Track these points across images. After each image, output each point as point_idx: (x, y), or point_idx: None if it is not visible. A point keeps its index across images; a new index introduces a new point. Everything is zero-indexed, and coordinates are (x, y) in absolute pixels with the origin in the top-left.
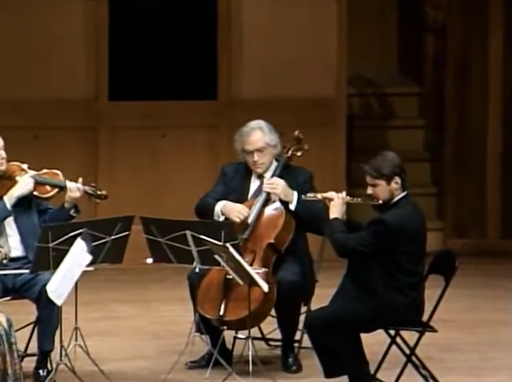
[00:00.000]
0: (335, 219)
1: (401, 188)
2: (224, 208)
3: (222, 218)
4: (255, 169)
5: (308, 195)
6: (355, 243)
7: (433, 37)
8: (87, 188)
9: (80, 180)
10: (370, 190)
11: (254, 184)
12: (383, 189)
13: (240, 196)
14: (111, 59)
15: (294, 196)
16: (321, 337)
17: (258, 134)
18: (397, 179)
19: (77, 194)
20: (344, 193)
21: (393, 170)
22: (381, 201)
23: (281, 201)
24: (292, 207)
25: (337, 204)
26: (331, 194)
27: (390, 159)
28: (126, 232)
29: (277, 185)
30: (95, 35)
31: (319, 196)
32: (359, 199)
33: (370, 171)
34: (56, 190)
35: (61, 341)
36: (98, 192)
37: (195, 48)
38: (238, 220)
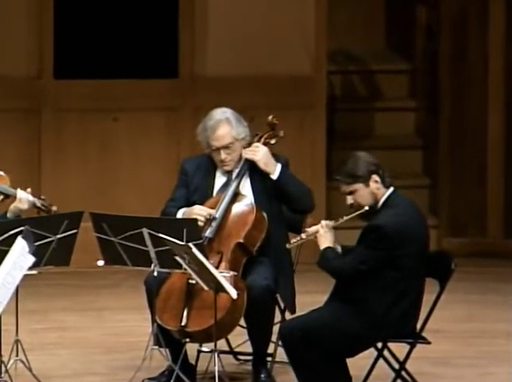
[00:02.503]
0: (327, 248)
1: (383, 186)
2: (183, 216)
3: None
4: (222, 167)
5: (292, 242)
6: (354, 264)
7: (425, 6)
8: (37, 201)
9: (29, 190)
10: (349, 200)
11: (220, 180)
12: (364, 194)
13: (204, 196)
14: (57, 31)
15: (277, 166)
16: (298, 350)
17: (225, 129)
18: (375, 177)
19: (25, 206)
20: (326, 221)
21: (367, 169)
22: (367, 207)
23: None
24: (273, 177)
25: (323, 233)
26: (314, 228)
27: (361, 158)
28: (74, 231)
29: (259, 149)
30: (38, 5)
31: (303, 236)
32: (344, 217)
33: (343, 179)
34: (1, 197)
35: (0, 355)
36: (49, 207)
37: (154, 20)
38: (200, 223)
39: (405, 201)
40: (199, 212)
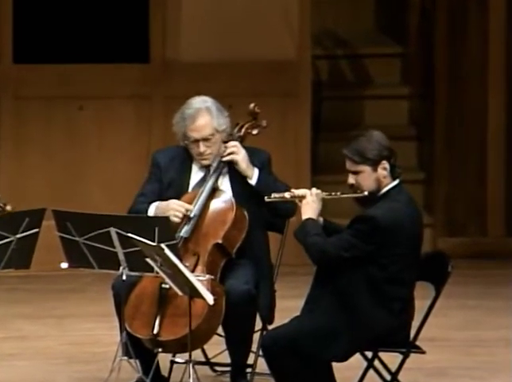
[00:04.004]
0: (309, 219)
1: (391, 176)
2: (157, 211)
3: None
4: (201, 161)
5: (273, 196)
6: (337, 248)
7: None
8: None
9: None
10: (351, 179)
11: (197, 175)
12: (368, 177)
13: (179, 192)
14: (16, 11)
15: (255, 170)
16: (281, 360)
17: (205, 119)
18: (385, 164)
19: None
20: (317, 190)
21: (380, 153)
22: (366, 193)
23: (233, 177)
24: (252, 182)
25: (310, 201)
26: (302, 191)
27: (376, 140)
28: (35, 230)
29: (240, 150)
30: None
31: (287, 195)
32: (338, 193)
33: (351, 155)
34: None
35: None
36: (2, 207)
37: (122, 0)
38: (177, 219)
39: (405, 197)
40: (176, 207)
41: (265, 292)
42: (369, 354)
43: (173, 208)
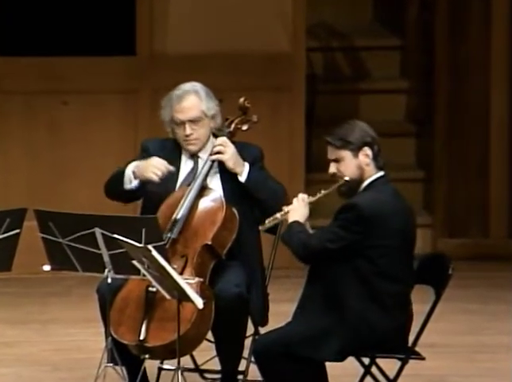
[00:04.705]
0: (294, 222)
1: (375, 165)
2: (137, 169)
3: (135, 182)
4: (187, 145)
5: (267, 222)
6: (321, 240)
7: None
8: None
9: None
10: (332, 168)
11: (186, 166)
12: (349, 164)
13: (165, 182)
14: None
15: (245, 167)
16: (273, 367)
17: (193, 100)
18: (367, 150)
19: None
20: (303, 195)
21: (362, 139)
22: (347, 178)
23: (223, 175)
24: (241, 179)
25: (296, 207)
26: (290, 207)
27: (359, 126)
28: (16, 231)
29: (227, 148)
30: None
31: (278, 216)
32: (321, 191)
33: (331, 140)
34: None
35: None
36: None
37: None
38: (155, 177)
39: (390, 189)
40: (156, 164)
41: (257, 295)
42: (366, 360)
43: (153, 165)
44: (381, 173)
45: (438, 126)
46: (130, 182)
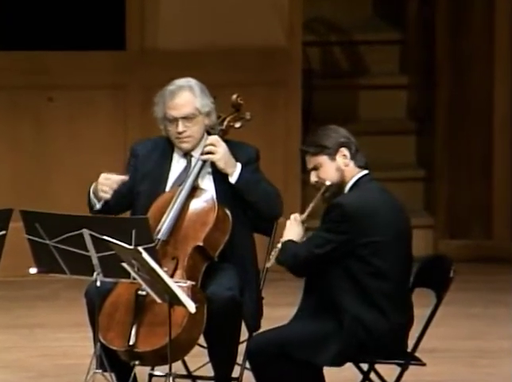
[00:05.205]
0: (288, 241)
1: (355, 164)
2: (94, 192)
3: (98, 205)
4: (180, 143)
5: (270, 256)
6: (308, 247)
7: None
8: None
9: None
10: (313, 177)
11: (178, 164)
12: (328, 169)
13: (156, 183)
14: None
15: (237, 167)
16: (267, 367)
17: (187, 96)
18: (344, 151)
19: None
20: (295, 214)
21: (336, 140)
22: (328, 182)
23: (216, 175)
24: (231, 180)
25: (289, 227)
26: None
27: (332, 129)
28: (2, 232)
29: (218, 148)
30: None
31: (278, 245)
32: (310, 205)
33: (306, 148)
34: None
35: None
36: None
37: None
38: (107, 195)
39: (376, 186)
40: (102, 180)
41: (251, 299)
42: (365, 367)
43: (100, 183)
44: (364, 172)
45: (439, 123)
46: (95, 204)
